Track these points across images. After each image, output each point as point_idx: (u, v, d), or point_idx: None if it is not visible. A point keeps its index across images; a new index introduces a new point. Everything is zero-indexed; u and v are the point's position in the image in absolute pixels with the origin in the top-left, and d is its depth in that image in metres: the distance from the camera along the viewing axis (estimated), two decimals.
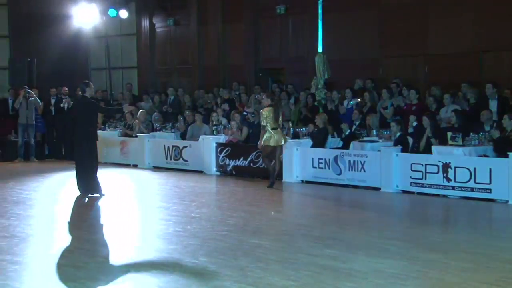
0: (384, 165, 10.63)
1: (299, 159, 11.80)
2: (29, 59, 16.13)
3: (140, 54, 19.77)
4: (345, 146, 11.70)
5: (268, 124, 10.81)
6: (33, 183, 12.02)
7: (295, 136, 12.32)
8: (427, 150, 10.48)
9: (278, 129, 10.97)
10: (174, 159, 13.89)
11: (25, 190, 10.98)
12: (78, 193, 10.23)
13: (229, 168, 12.94)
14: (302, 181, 11.79)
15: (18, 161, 15.38)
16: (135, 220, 8.46)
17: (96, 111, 10.32)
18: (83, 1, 18.03)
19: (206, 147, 13.27)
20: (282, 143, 11.09)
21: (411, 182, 10.38)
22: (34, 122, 15.67)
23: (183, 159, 13.73)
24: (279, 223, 8.22)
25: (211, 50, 18.24)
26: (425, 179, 10.17)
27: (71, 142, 10.46)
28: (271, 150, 11.07)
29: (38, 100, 15.77)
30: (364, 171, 10.88)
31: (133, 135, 14.89)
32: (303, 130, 12.41)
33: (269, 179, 11.14)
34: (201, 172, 13.34)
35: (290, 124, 12.47)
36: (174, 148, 13.89)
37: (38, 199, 10.05)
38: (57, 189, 11.18)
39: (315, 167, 11.56)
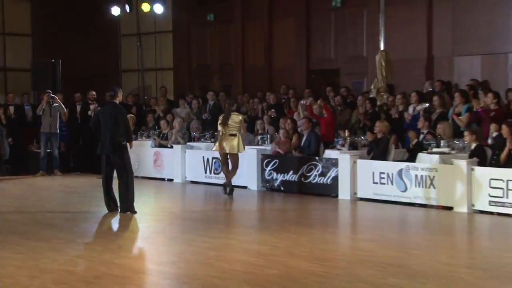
0: (457, 181, 10.44)
1: (357, 173, 11.70)
2: (53, 61, 16.50)
3: (176, 53, 20.01)
4: (411, 158, 11.55)
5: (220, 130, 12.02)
6: (56, 199, 12.26)
7: (353, 147, 12.24)
8: (509, 164, 10.24)
9: (235, 135, 12.05)
10: (214, 173, 13.95)
11: (48, 207, 11.19)
12: (106, 210, 10.38)
13: (277, 183, 12.93)
14: (361, 198, 11.69)
15: (40, 175, 15.71)
16: (181, 247, 8.51)
17: (123, 120, 10.39)
18: None
19: (250, 159, 13.30)
20: (227, 150, 12.05)
21: (489, 201, 10.16)
22: (58, 131, 15.98)
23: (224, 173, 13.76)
24: (334, 247, 8.15)
25: (256, 49, 18.32)
26: (507, 197, 9.94)
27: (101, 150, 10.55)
28: (222, 156, 12.24)
29: (63, 106, 16.09)
30: (434, 187, 10.71)
31: (168, 146, 15.05)
32: (361, 139, 12.31)
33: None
34: (244, 187, 13.36)
35: (347, 134, 12.40)
36: (214, 160, 13.96)
37: (62, 217, 10.23)
38: (85, 206, 11.37)
39: (376, 183, 11.45)
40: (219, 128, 12.22)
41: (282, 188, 12.84)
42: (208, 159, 14.04)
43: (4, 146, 16.00)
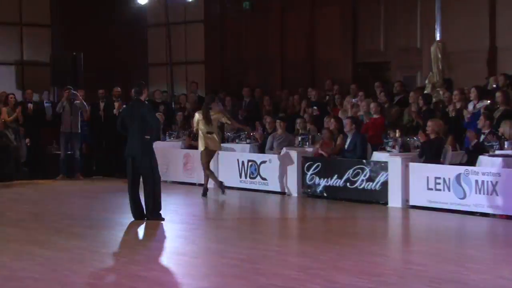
0: None
1: (409, 178, 11.62)
2: (74, 54, 16.73)
3: (208, 45, 20.11)
4: (471, 161, 11.42)
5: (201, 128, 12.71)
6: (78, 206, 12.43)
7: (404, 148, 12.15)
8: None
9: (212, 134, 12.82)
10: (250, 177, 13.99)
11: (69, 215, 11.36)
12: (132, 218, 10.49)
13: (319, 188, 12.92)
14: (413, 206, 11.61)
15: (60, 179, 15.92)
16: (213, 259, 8.56)
17: (151, 119, 10.51)
18: None
19: (290, 162, 13.30)
20: (202, 148, 12.86)
21: None
22: (79, 131, 16.18)
23: (261, 177, 13.81)
24: (383, 260, 8.11)
25: (297, 41, 18.32)
26: None
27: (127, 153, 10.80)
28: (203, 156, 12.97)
29: (85, 103, 16.29)
30: (496, 194, 10.58)
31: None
32: (414, 140, 12.22)
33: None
34: (283, 193, 13.36)
35: (398, 134, 12.32)
36: (250, 163, 13.99)
37: (84, 226, 10.37)
38: (109, 213, 11.51)
39: (430, 189, 11.35)
40: (200, 126, 12.85)
41: (325, 194, 12.82)
42: (243, 162, 14.08)
43: (21, 147, 16.27)
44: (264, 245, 8.79)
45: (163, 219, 10.39)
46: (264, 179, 13.76)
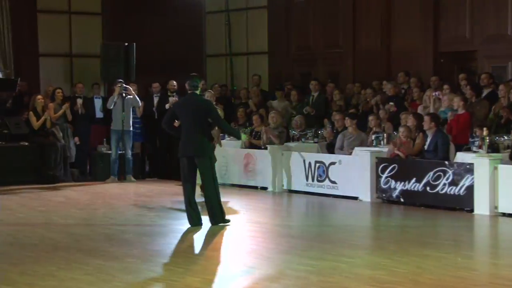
0: None
1: (498, 182, 11.41)
2: (126, 44, 16.95)
3: (272, 34, 20.11)
4: None
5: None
6: (130, 211, 12.60)
7: (493, 149, 11.94)
8: None
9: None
10: (318, 180, 13.96)
11: (120, 221, 11.53)
12: (188, 224, 10.59)
13: (395, 193, 12.81)
14: (503, 214, 11.41)
15: (110, 181, 16.16)
16: (277, 271, 8.58)
17: (212, 115, 10.61)
18: None
19: (363, 163, 13.23)
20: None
21: None
22: (131, 128, 16.40)
23: (330, 180, 13.77)
24: (468, 274, 7.99)
25: (370, 28, 18.17)
26: None
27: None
28: None
29: (138, 98, 16.48)
30: None
31: (262, 146, 15.17)
32: (504, 139, 12.00)
33: None
34: (355, 198, 13.30)
35: (485, 132, 12.11)
36: (317, 164, 13.97)
37: (137, 233, 10.50)
38: (163, 219, 11.64)
39: None
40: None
41: (401, 200, 12.71)
42: (310, 163, 14.06)
43: (69, 147, 16.58)
44: (334, 255, 8.76)
45: (227, 222, 10.56)
46: (333, 182, 13.72)
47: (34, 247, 9.30)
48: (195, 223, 10.55)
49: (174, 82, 17.27)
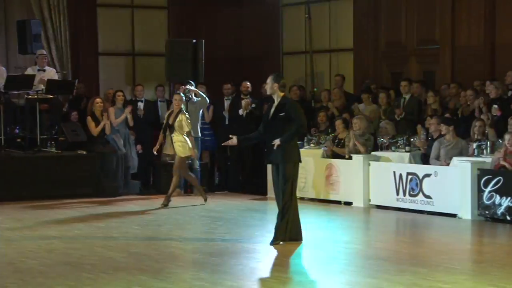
0: None
1: None
2: (194, 41, 17.11)
3: (357, 29, 20.04)
4: None
5: None
6: (197, 228, 12.70)
7: None
8: None
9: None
10: (410, 194, 13.85)
11: (187, 239, 11.63)
12: (261, 242, 10.63)
13: (501, 210, 12.64)
14: None
15: (176, 194, 16.27)
16: None
17: (296, 117, 10.71)
18: None
19: (462, 175, 13.09)
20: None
21: None
22: (199, 135, 16.54)
23: (424, 194, 13.65)
24: None
25: (471, 22, 17.94)
26: None
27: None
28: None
29: (204, 95, 16.48)
30: None
31: (346, 156, 15.12)
32: None
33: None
34: (453, 215, 13.15)
35: None
36: (410, 176, 13.87)
37: (205, 252, 10.59)
38: (235, 236, 11.72)
39: None
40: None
41: (508, 218, 12.55)
42: (401, 175, 13.98)
43: (131, 156, 16.80)
44: (428, 280, 8.68)
45: (301, 239, 10.63)
46: (428, 197, 13.60)
47: (92, 267, 9.46)
48: (274, 238, 10.66)
49: (248, 83, 17.35)
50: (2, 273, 9.13)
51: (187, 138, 14.69)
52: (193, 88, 16.31)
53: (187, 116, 14.78)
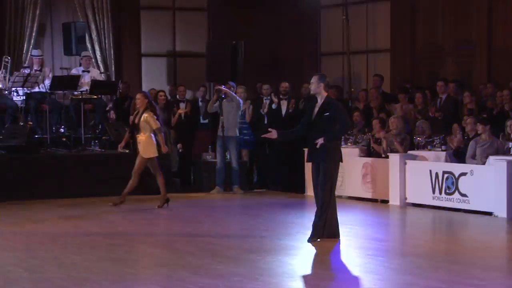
0: None
1: None
2: (234, 42, 17.16)
3: (394, 29, 19.95)
4: None
5: None
6: (236, 226, 12.74)
7: None
8: None
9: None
10: (446, 193, 13.78)
11: (226, 236, 11.69)
12: (298, 240, 10.65)
13: None
14: None
15: (215, 192, 16.35)
16: None
17: (339, 117, 10.74)
18: None
19: (498, 174, 12.99)
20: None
21: None
22: (237, 134, 16.57)
23: (460, 192, 13.57)
24: None
25: (507, 22, 17.78)
26: None
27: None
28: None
29: (240, 100, 16.41)
30: None
31: (382, 155, 15.08)
32: None
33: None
34: (489, 214, 13.06)
35: None
36: (446, 175, 13.80)
37: (244, 249, 10.63)
38: (273, 234, 11.74)
39: None
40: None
41: None
42: (437, 174, 13.91)
43: (173, 155, 16.88)
44: (463, 277, 8.63)
45: (338, 237, 10.67)
46: (464, 195, 13.52)
47: (134, 263, 9.55)
48: (311, 235, 10.69)
49: (287, 83, 17.36)
50: (48, 268, 9.23)
51: (153, 137, 14.02)
52: (224, 88, 16.31)
53: (152, 114, 13.99)
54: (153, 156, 14.06)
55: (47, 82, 16.82)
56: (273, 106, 17.23)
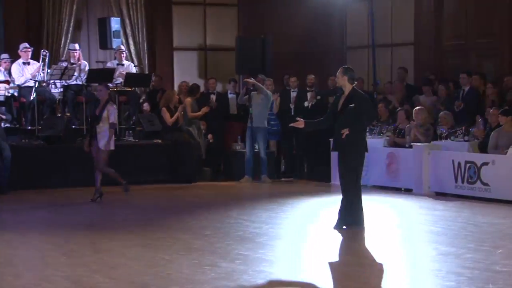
0: None
1: None
2: (262, 36, 17.18)
3: (419, 23, 19.83)
4: None
5: None
6: (264, 213, 12.79)
7: None
8: None
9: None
10: (468, 182, 13.73)
11: (254, 222, 11.72)
12: (327, 227, 10.66)
13: None
14: None
15: (245, 181, 16.42)
16: (426, 283, 8.54)
17: (364, 109, 10.73)
18: None
19: None
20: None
21: None
22: (265, 125, 16.60)
23: (481, 182, 13.52)
24: None
25: None
26: None
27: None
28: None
29: (269, 92, 16.42)
30: None
31: (406, 145, 15.03)
32: None
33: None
34: (510, 202, 12.99)
35: None
36: (468, 165, 13.74)
37: (272, 235, 10.66)
38: (299, 222, 11.77)
39: None
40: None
41: None
42: (459, 164, 13.86)
43: (203, 145, 16.95)
44: (487, 264, 8.61)
45: (363, 224, 10.68)
46: (485, 184, 13.47)
47: (167, 248, 9.61)
48: (337, 223, 10.74)
49: (312, 76, 17.36)
50: (84, 253, 9.34)
51: (107, 130, 13.56)
52: (251, 80, 16.30)
53: (115, 106, 13.86)
54: (111, 149, 13.72)
55: (83, 75, 16.92)
56: (305, 104, 17.23)
